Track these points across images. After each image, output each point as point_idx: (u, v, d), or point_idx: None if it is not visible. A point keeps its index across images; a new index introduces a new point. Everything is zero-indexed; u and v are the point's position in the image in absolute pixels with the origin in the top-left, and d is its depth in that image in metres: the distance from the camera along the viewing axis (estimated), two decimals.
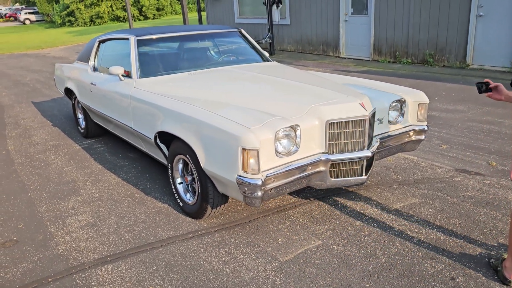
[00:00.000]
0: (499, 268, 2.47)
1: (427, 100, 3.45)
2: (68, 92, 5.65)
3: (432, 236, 2.91)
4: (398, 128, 3.41)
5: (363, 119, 2.86)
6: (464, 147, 4.49)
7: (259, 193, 2.58)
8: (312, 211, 3.33)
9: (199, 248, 2.89)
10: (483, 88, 2.43)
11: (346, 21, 10.43)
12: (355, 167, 2.97)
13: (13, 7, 60.79)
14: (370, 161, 3.17)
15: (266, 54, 4.80)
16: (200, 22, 14.82)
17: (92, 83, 4.64)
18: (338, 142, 2.89)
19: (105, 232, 3.16)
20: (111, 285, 2.56)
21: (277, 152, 2.69)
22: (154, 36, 4.23)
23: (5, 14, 55.61)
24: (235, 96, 3.23)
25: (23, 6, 54.52)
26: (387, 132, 3.33)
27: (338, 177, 2.97)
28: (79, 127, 5.66)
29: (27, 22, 44.81)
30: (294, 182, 2.79)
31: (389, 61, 9.61)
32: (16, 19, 49.43)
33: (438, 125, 5.21)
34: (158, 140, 3.47)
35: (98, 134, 5.39)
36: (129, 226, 3.24)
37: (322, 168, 2.88)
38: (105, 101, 4.39)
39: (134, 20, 35.78)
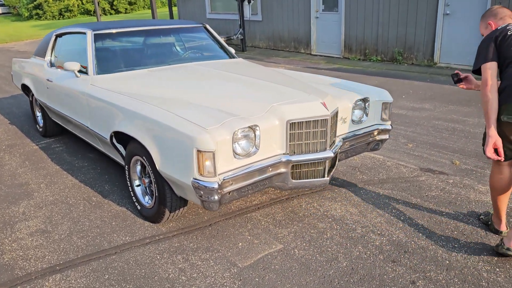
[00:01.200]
0: (489, 222, 2.90)
1: (391, 99, 3.41)
2: (25, 89, 5.38)
3: (394, 238, 2.87)
4: (362, 127, 3.35)
5: (325, 119, 2.78)
6: (429, 146, 4.49)
7: (216, 197, 2.47)
8: (275, 213, 3.24)
9: (155, 255, 2.76)
10: (455, 78, 2.67)
11: (317, 18, 10.40)
12: (317, 168, 2.90)
13: None
14: (333, 161, 3.11)
15: (232, 50, 4.68)
16: (171, 17, 14.53)
17: (48, 80, 4.41)
18: (299, 142, 2.80)
19: (56, 239, 2.99)
20: None
21: (235, 153, 2.58)
22: (113, 31, 4.05)
23: None
24: (195, 94, 3.10)
25: None
26: (351, 131, 3.28)
27: (300, 179, 2.89)
28: (37, 126, 5.40)
29: None
30: (254, 184, 2.69)
31: (359, 59, 9.64)
32: None
33: (404, 124, 5.22)
34: (114, 140, 3.31)
35: (57, 133, 5.15)
36: (83, 231, 3.07)
37: (283, 170, 2.79)
38: (61, 98, 4.18)
39: (105, 14, 34.93)
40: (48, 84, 4.43)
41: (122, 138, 3.27)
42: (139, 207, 3.22)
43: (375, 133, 3.41)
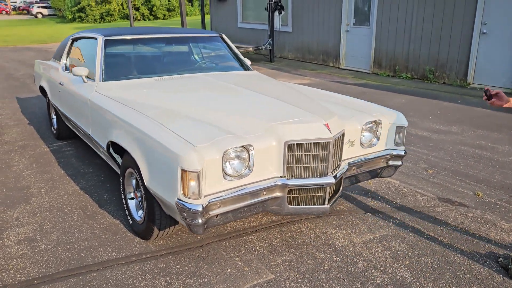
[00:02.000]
0: (510, 266, 2.61)
1: (405, 123, 3.15)
2: (42, 91, 5.41)
3: (398, 277, 2.60)
4: (372, 152, 3.10)
5: (327, 142, 2.56)
6: (451, 174, 4.17)
7: (200, 220, 2.29)
8: (272, 238, 3.03)
9: (137, 275, 2.60)
10: (487, 94, 2.50)
11: (348, 31, 10.14)
12: (317, 194, 2.67)
13: (28, 0, 61.29)
14: (337, 187, 2.88)
15: (248, 62, 4.52)
16: (203, 25, 14.61)
17: (60, 83, 4.39)
18: (298, 165, 2.59)
19: (41, 249, 2.89)
20: None
21: (225, 174, 2.40)
22: (124, 37, 3.98)
23: (19, 7, 55.93)
24: (196, 107, 2.95)
25: (37, 0, 54.85)
26: (359, 156, 3.03)
27: (297, 205, 2.67)
28: (52, 128, 5.41)
29: (39, 16, 44.93)
30: (246, 208, 2.50)
31: (388, 75, 9.30)
32: (28, 12, 49.61)
33: (427, 147, 4.89)
34: (111, 150, 3.20)
35: (69, 136, 5.13)
36: (70, 243, 2.96)
37: (278, 194, 2.58)
38: (70, 103, 4.13)
39: (144, 20, 35.79)
40: (60, 88, 4.40)
41: (118, 148, 3.15)
42: (131, 221, 3.09)
43: (387, 159, 3.16)
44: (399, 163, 3.20)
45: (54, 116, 5.30)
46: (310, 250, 2.88)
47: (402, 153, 3.18)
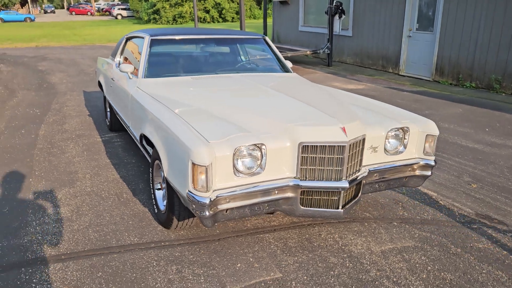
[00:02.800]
0: None
1: (436, 132, 3.01)
2: (100, 86, 5.82)
3: None
4: (398, 159, 3.01)
5: (342, 146, 2.53)
6: (496, 189, 3.90)
7: (207, 213, 2.38)
8: (289, 238, 3.05)
9: (152, 261, 2.75)
10: None
11: (410, 36, 9.77)
12: (331, 197, 2.65)
13: (110, 2, 65.70)
14: (356, 192, 2.83)
15: (289, 64, 4.56)
16: (265, 28, 14.79)
17: (112, 79, 4.71)
18: (312, 167, 2.59)
19: (74, 229, 3.14)
20: (49, 285, 2.50)
21: (237, 170, 2.47)
22: (168, 37, 4.18)
23: (102, 9, 60.10)
24: (222, 105, 3.04)
25: (119, 2, 58.60)
26: (383, 163, 2.95)
27: (310, 207, 2.67)
28: (106, 120, 5.81)
29: (119, 17, 47.92)
30: (257, 205, 2.55)
31: (450, 83, 8.84)
32: (110, 13, 53.13)
33: (476, 160, 4.61)
34: (144, 142, 3.39)
35: (120, 129, 5.47)
36: (100, 226, 3.18)
37: (290, 194, 2.60)
38: (118, 97, 4.42)
39: (213, 22, 36.90)
40: (112, 83, 4.72)
41: (149, 141, 3.33)
42: (156, 211, 3.25)
43: (415, 168, 3.04)
44: (428, 173, 3.07)
45: (108, 109, 5.68)
46: (323, 254, 2.86)
47: (432, 163, 3.05)
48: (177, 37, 4.21)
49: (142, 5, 40.99)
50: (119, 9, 48.82)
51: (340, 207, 2.67)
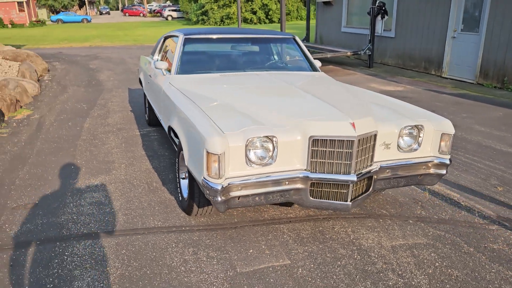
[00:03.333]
0: None
1: (452, 131, 3.04)
2: (141, 82, 6.18)
3: (413, 283, 2.57)
4: (412, 157, 3.05)
5: (350, 140, 2.64)
6: None
7: (219, 198, 2.56)
8: (302, 229, 3.17)
9: (172, 243, 2.97)
10: None
11: (454, 37, 9.52)
12: (340, 190, 2.76)
13: (162, 4, 67.91)
14: (367, 187, 2.92)
15: (318, 64, 4.66)
16: (308, 29, 14.85)
17: (149, 75, 5.03)
18: (322, 161, 2.71)
19: (106, 211, 3.43)
20: (79, 258, 2.79)
21: (249, 160, 2.64)
22: (201, 36, 4.42)
23: (154, 10, 62.23)
24: (243, 100, 3.22)
25: (170, 4, 60.47)
26: (396, 159, 3.01)
27: (320, 198, 2.79)
28: (146, 115, 6.16)
29: (169, 18, 49.47)
30: (269, 194, 2.70)
31: (495, 86, 8.54)
32: (161, 15, 54.93)
33: (507, 164, 4.51)
34: (172, 134, 3.63)
35: (157, 123, 5.80)
36: (129, 210, 3.46)
37: (301, 186, 2.74)
38: (153, 93, 4.72)
39: (260, 23, 37.27)
40: (149, 80, 5.04)
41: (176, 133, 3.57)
42: (180, 198, 3.48)
43: (429, 166, 3.08)
44: (443, 172, 3.09)
45: (147, 105, 6.03)
46: (333, 245, 2.97)
47: (447, 161, 3.07)
48: (209, 36, 4.44)
49: (192, 7, 42.12)
50: (169, 10, 50.37)
51: (349, 200, 2.77)
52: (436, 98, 7.68)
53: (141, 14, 59.27)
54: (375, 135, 2.82)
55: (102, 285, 2.53)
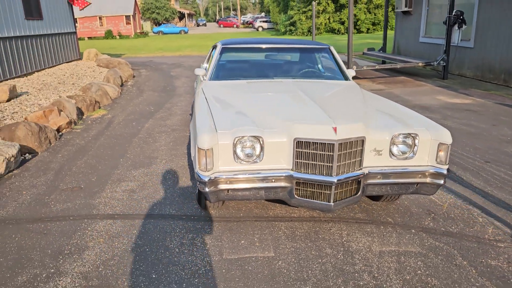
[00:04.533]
0: None
1: (449, 141, 3.00)
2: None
3: (384, 286, 2.63)
4: (405, 165, 3.07)
5: (331, 144, 2.79)
6: None
7: (207, 189, 2.87)
8: (299, 228, 3.35)
9: (177, 228, 3.34)
10: None
11: None
12: (324, 191, 2.91)
13: (255, 15, 70.30)
14: (355, 191, 3.02)
15: (351, 73, 4.75)
16: (384, 38, 14.55)
17: (196, 82, 5.52)
18: (305, 162, 2.89)
19: (133, 198, 3.92)
20: (97, 234, 3.28)
21: (237, 157, 2.91)
22: (237, 45, 4.78)
23: (247, 22, 64.67)
24: (253, 104, 3.47)
25: (263, 15, 62.42)
26: (389, 166, 3.06)
27: (304, 198, 2.96)
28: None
29: (260, 29, 51.07)
30: (256, 190, 2.95)
31: None
32: (253, 26, 56.91)
33: None
34: None
35: None
36: (153, 198, 3.91)
37: (285, 184, 2.94)
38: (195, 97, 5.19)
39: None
40: (196, 85, 5.53)
41: None
42: (197, 192, 3.85)
43: (426, 175, 3.07)
44: (440, 181, 3.07)
45: None
46: (322, 245, 3.10)
47: (444, 171, 3.04)
48: (244, 46, 4.79)
49: (281, 17, 43.12)
50: (260, 21, 51.97)
51: (332, 201, 2.90)
52: (504, 112, 7.18)
53: (235, 26, 61.90)
54: (363, 141, 2.91)
55: (106, 255, 2.97)
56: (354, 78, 11.27)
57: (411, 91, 9.41)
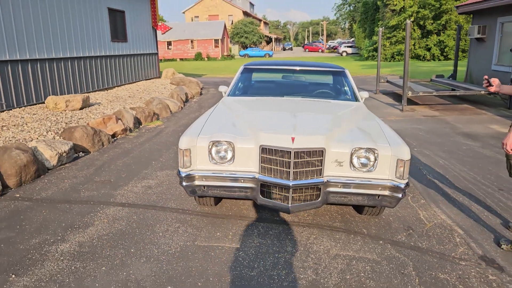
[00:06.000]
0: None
1: (407, 157, 3.19)
2: None
3: (321, 281, 2.90)
4: (366, 177, 3.31)
5: (287, 151, 3.16)
6: None
7: (184, 184, 3.39)
8: (274, 228, 3.70)
9: (169, 218, 3.89)
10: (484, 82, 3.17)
11: None
12: (284, 194, 3.27)
13: (342, 40, 70.44)
14: (316, 197, 3.33)
15: (364, 95, 4.99)
16: (455, 65, 14.08)
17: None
18: (269, 166, 3.29)
19: (148, 193, 4.56)
20: (105, 216, 3.94)
21: (212, 158, 3.40)
22: (258, 66, 5.31)
23: (333, 47, 65.01)
24: (249, 116, 3.91)
25: (352, 40, 62.38)
26: (348, 177, 3.32)
27: (267, 198, 3.35)
28: None
29: (344, 54, 51.13)
30: (228, 188, 3.40)
31: None
32: (337, 50, 57.09)
33: None
34: None
35: None
36: (162, 194, 4.52)
37: (252, 185, 3.35)
38: None
39: (434, 60, 35.58)
40: None
41: None
42: None
43: (385, 188, 3.28)
44: (398, 195, 3.25)
45: None
46: (286, 243, 3.43)
47: (401, 185, 3.23)
48: (264, 67, 5.30)
49: (365, 43, 42.86)
50: (345, 46, 52.02)
51: (290, 203, 3.25)
52: None
53: (320, 50, 62.57)
54: (322, 151, 3.23)
55: (103, 232, 3.61)
56: (411, 103, 11.16)
57: (466, 119, 9.12)
